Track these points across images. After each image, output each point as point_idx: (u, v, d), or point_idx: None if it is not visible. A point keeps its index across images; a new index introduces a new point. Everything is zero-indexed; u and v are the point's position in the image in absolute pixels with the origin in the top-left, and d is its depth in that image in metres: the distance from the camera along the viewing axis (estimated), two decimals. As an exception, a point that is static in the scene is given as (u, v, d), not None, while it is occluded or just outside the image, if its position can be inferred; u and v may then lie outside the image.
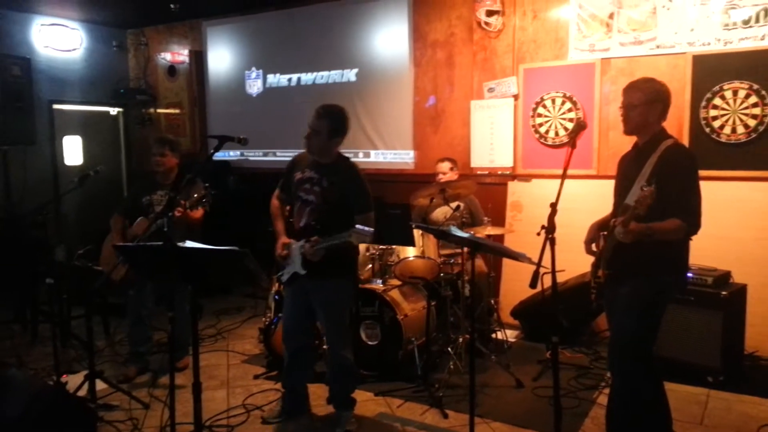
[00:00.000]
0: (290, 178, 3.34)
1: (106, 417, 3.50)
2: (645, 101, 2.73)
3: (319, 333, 3.81)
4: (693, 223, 2.61)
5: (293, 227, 3.29)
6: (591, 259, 2.97)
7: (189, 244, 2.56)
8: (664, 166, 2.62)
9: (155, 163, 4.14)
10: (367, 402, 3.73)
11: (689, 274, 3.82)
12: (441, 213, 4.70)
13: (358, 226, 2.91)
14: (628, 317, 2.76)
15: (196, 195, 3.71)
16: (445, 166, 4.83)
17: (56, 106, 6.84)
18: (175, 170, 4.20)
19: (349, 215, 3.06)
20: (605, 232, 2.93)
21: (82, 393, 3.67)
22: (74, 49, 7.04)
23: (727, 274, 3.95)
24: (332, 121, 3.17)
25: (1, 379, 3.19)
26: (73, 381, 3.83)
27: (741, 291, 3.94)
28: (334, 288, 3.25)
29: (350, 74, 6.19)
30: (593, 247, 2.95)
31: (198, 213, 3.92)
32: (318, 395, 3.69)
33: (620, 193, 2.84)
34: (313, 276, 3.16)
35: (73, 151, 6.96)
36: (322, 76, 6.36)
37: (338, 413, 3.44)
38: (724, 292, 3.75)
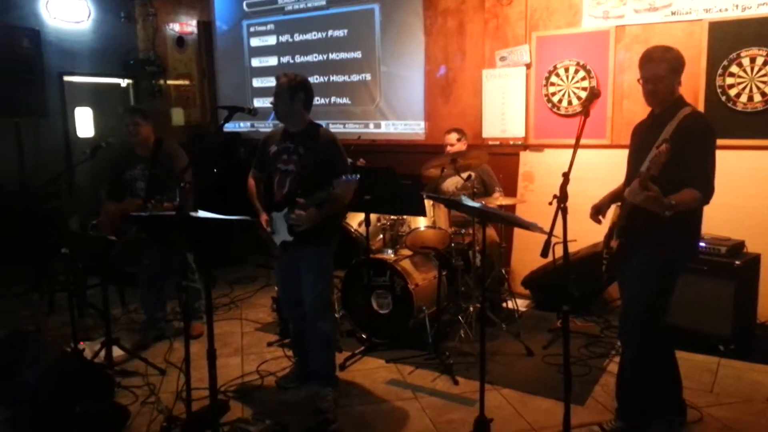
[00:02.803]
0: (265, 154, 3.37)
1: (123, 383, 3.57)
2: (671, 71, 2.67)
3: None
4: (708, 194, 2.59)
5: (274, 199, 3.32)
6: (603, 229, 2.97)
7: (201, 213, 2.57)
8: (682, 134, 2.59)
9: (129, 133, 4.05)
10: (378, 369, 3.79)
11: (702, 244, 3.82)
12: (452, 183, 4.69)
13: (342, 177, 2.98)
14: (641, 287, 2.76)
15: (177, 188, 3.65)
16: (453, 137, 4.79)
17: (66, 78, 6.83)
18: (151, 138, 4.10)
19: (328, 179, 3.07)
20: (618, 203, 2.92)
21: (99, 360, 3.75)
22: (82, 21, 6.99)
23: (740, 244, 3.92)
24: (289, 81, 3.22)
25: (20, 346, 3.27)
26: (91, 348, 3.91)
27: (754, 260, 3.92)
28: (319, 254, 3.30)
29: (360, 46, 6.13)
30: (600, 217, 2.93)
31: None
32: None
33: (635, 160, 2.80)
34: (300, 242, 3.20)
35: (84, 122, 6.97)
36: (333, 48, 6.31)
37: (318, 389, 3.38)
38: (737, 262, 3.73)
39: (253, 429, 2.92)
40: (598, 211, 2.96)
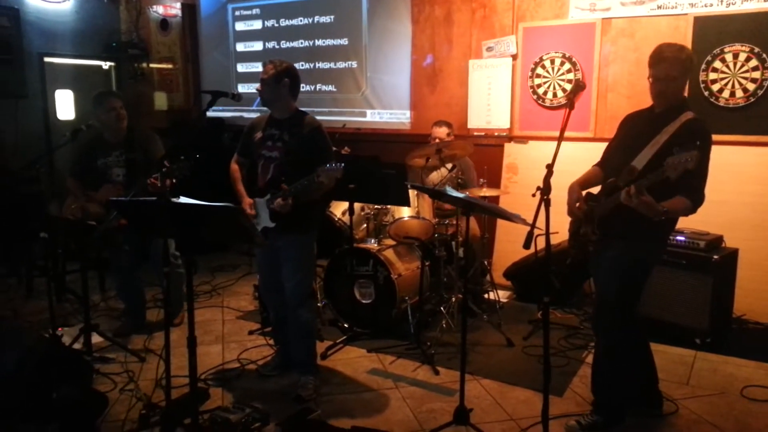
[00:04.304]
0: (250, 141, 3.36)
1: (102, 369, 3.55)
2: (683, 72, 2.65)
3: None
4: (698, 203, 2.60)
5: (257, 185, 3.31)
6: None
7: (183, 199, 2.54)
8: (682, 139, 2.58)
9: (117, 117, 3.94)
10: (360, 358, 3.79)
11: (682, 238, 3.87)
12: (437, 176, 4.67)
13: (327, 165, 2.97)
14: (612, 280, 2.79)
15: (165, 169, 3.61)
16: (443, 131, 4.64)
17: (47, 59, 6.70)
18: (126, 124, 4.04)
19: (312, 167, 3.06)
20: (590, 191, 2.92)
21: (77, 346, 3.72)
22: (64, 1, 6.85)
23: (719, 239, 3.97)
24: (275, 67, 3.21)
25: (-3, 331, 3.22)
26: (69, 334, 3.87)
27: (732, 255, 3.97)
28: (301, 242, 3.29)
29: (347, 33, 6.08)
30: (577, 205, 2.92)
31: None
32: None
33: (623, 152, 2.78)
34: (282, 230, 3.20)
35: (65, 105, 6.85)
36: (319, 35, 6.26)
37: (298, 378, 3.39)
38: (715, 256, 3.78)
39: (233, 417, 2.92)
40: (576, 201, 2.93)
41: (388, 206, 4.29)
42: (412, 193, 4.04)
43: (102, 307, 4.71)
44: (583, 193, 2.92)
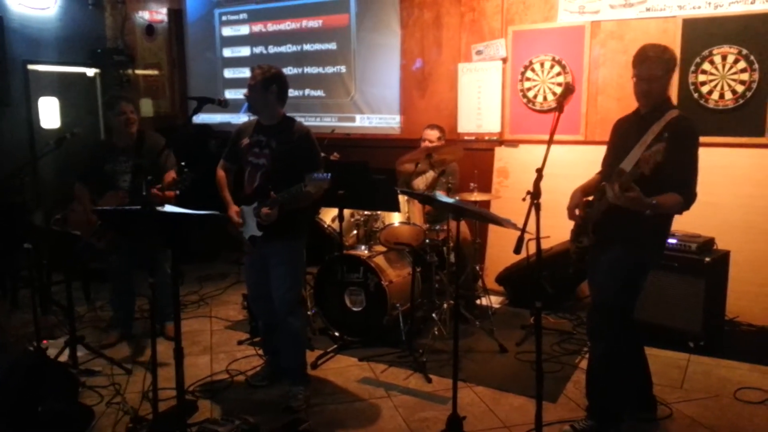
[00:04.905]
0: (237, 146, 3.31)
1: (87, 382, 3.47)
2: (667, 71, 2.68)
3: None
4: (690, 200, 2.59)
5: (243, 193, 3.26)
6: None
7: (169, 208, 2.49)
8: (668, 137, 2.57)
9: (127, 121, 3.89)
10: (351, 367, 3.74)
11: (673, 241, 3.85)
12: (422, 181, 4.63)
13: (314, 174, 2.93)
14: (610, 283, 2.77)
15: (171, 178, 3.57)
16: (434, 134, 4.61)
17: (31, 67, 6.62)
18: (135, 129, 3.99)
19: (300, 175, 3.02)
20: (589, 198, 2.91)
21: (63, 359, 3.65)
22: (48, 8, 6.78)
23: (710, 241, 3.96)
24: (263, 73, 3.15)
25: (-21, 345, 3.16)
26: (55, 347, 3.80)
27: (724, 257, 3.96)
28: (289, 249, 3.24)
29: (335, 38, 6.05)
30: (576, 212, 2.92)
31: (170, 193, 3.77)
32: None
33: (615, 156, 2.79)
34: (269, 237, 3.15)
35: (49, 113, 6.76)
36: (307, 40, 6.22)
37: (289, 388, 3.33)
38: (707, 259, 3.77)
39: (222, 429, 2.86)
40: (575, 207, 2.92)
41: (379, 212, 4.25)
42: (402, 199, 4.00)
43: (87, 318, 4.63)
44: (584, 199, 2.92)
